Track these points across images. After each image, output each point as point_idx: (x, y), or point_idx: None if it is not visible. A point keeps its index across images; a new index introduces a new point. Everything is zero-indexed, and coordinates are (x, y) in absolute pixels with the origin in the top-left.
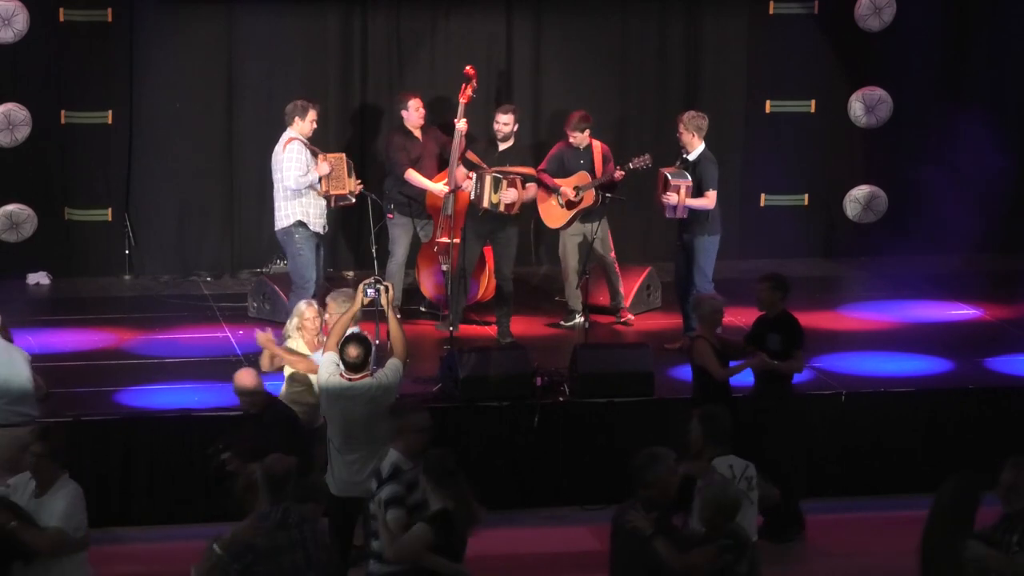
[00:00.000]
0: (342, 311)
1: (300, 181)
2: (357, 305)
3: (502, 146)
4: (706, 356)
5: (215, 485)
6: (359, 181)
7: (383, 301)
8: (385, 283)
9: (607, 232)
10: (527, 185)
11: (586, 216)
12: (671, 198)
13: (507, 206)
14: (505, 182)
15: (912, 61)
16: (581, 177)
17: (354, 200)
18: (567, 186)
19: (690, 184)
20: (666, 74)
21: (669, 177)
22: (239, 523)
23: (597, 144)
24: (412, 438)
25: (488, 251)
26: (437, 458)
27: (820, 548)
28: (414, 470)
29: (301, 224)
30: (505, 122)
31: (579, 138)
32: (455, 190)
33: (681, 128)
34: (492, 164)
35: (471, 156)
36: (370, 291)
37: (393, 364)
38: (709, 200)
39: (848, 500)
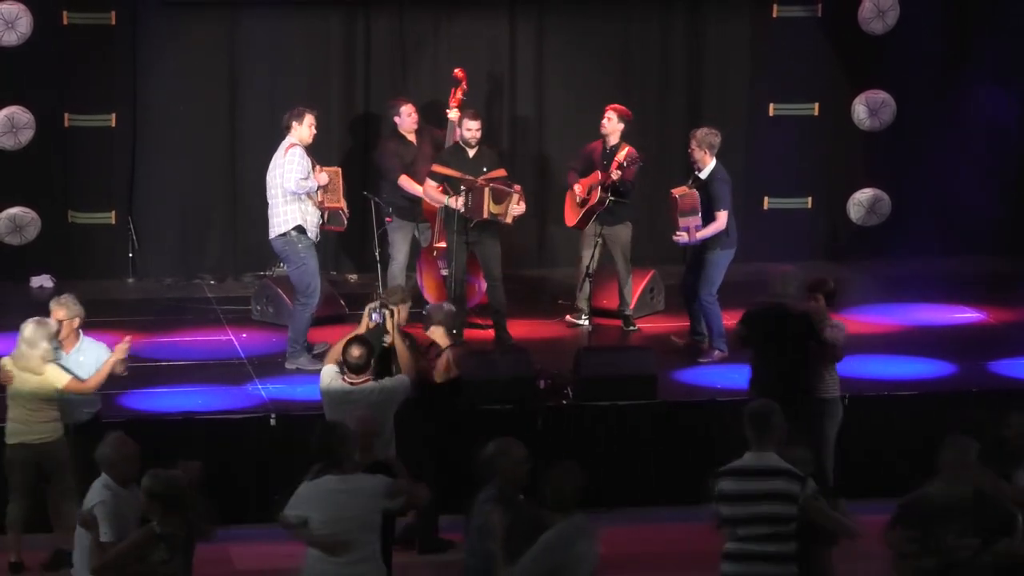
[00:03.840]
0: (68, 315)
1: (301, 184)
2: (362, 329)
3: (471, 152)
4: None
5: None
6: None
7: (388, 325)
8: (391, 306)
9: (624, 238)
10: (515, 187)
11: (602, 218)
12: (681, 238)
13: (514, 218)
14: (515, 196)
15: (915, 64)
16: (594, 177)
17: (343, 227)
18: (583, 187)
19: (699, 221)
20: (669, 77)
21: (679, 216)
22: None
23: (624, 147)
24: (783, 434)
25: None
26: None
27: None
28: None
29: (301, 230)
30: (476, 128)
31: (610, 126)
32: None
33: (694, 145)
34: (465, 171)
35: (439, 169)
36: (375, 315)
37: (400, 377)
38: (720, 222)
39: (850, 503)
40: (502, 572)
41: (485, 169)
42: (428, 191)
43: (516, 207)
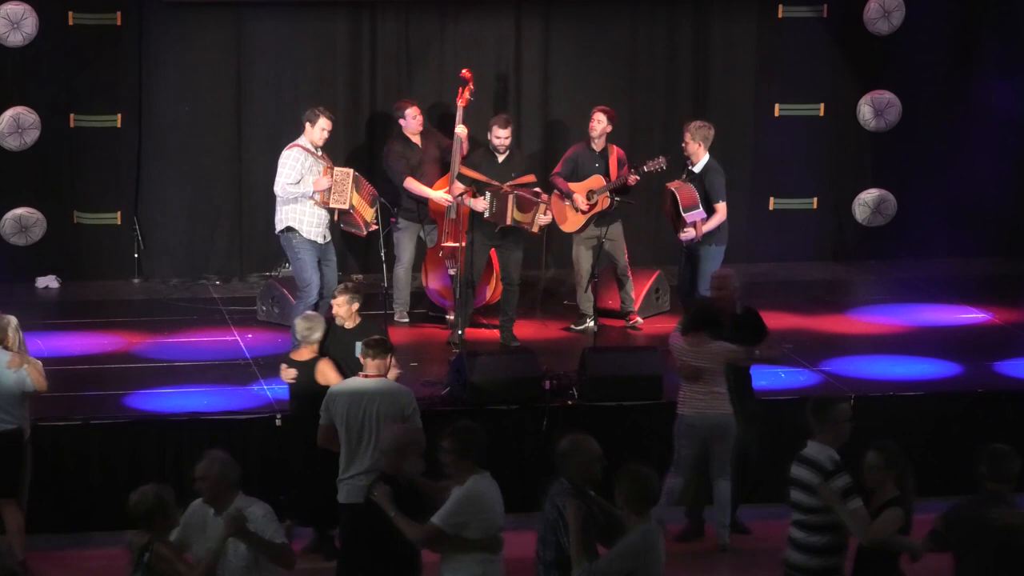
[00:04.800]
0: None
1: (287, 189)
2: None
3: (501, 158)
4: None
5: None
6: (374, 222)
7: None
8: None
9: (621, 236)
10: (543, 196)
11: (599, 219)
12: (689, 233)
13: (539, 227)
14: (542, 206)
15: (921, 64)
16: (595, 181)
17: (365, 232)
18: (580, 192)
19: (703, 214)
20: (675, 78)
21: (683, 212)
22: None
23: (614, 149)
24: (842, 429)
25: (494, 255)
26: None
27: None
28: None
29: (292, 230)
30: (506, 136)
31: (601, 128)
32: (457, 198)
33: (687, 138)
34: (493, 175)
35: (467, 171)
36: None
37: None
38: (720, 214)
39: None
40: (577, 568)
41: (514, 175)
42: (454, 192)
43: (543, 216)
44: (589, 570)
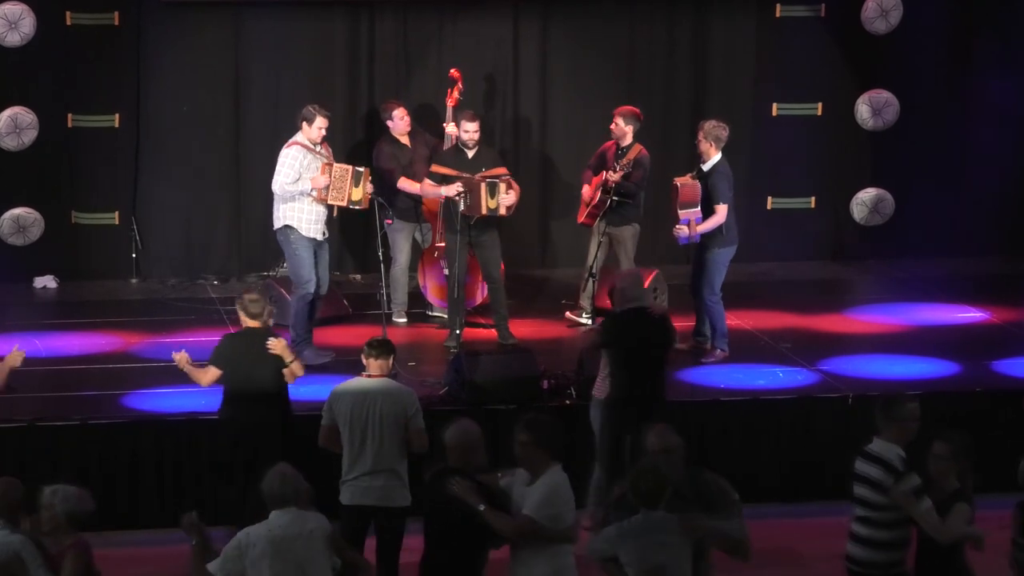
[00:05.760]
0: None
1: (286, 188)
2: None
3: (470, 153)
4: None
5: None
6: (370, 191)
7: None
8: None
9: (629, 239)
10: (512, 183)
11: (609, 218)
12: (681, 231)
13: (507, 208)
14: (503, 185)
15: (919, 64)
16: (600, 178)
17: (365, 204)
18: (591, 186)
19: (699, 213)
20: (673, 77)
21: (679, 208)
22: None
23: (636, 148)
24: (909, 427)
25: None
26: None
27: (822, 552)
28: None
29: (291, 227)
30: (474, 130)
31: (619, 130)
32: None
33: (701, 136)
34: (464, 170)
35: (437, 168)
36: None
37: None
38: (719, 216)
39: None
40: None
41: (484, 169)
42: (426, 189)
43: (505, 196)
44: (590, 541)
